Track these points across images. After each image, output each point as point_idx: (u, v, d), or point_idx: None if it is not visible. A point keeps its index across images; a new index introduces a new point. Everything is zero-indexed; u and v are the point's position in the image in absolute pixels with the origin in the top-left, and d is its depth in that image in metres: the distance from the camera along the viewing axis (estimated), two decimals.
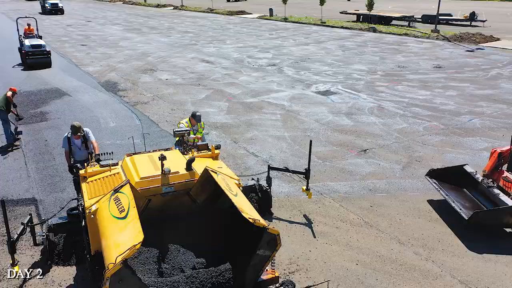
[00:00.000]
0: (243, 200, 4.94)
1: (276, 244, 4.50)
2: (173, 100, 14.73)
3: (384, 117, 12.86)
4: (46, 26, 39.20)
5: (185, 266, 4.93)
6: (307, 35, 31.17)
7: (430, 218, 7.47)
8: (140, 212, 5.14)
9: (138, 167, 5.48)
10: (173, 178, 5.35)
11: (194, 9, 53.83)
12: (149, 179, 5.27)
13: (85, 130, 7.22)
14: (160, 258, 5.03)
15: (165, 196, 5.34)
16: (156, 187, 5.26)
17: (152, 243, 5.09)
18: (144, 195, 5.21)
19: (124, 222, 4.40)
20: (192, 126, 8.10)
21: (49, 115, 12.90)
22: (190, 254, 5.12)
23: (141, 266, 4.84)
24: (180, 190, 5.38)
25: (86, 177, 5.62)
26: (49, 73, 19.01)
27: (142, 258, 4.96)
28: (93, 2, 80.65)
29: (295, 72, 19.14)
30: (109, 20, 44.93)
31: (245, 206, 4.70)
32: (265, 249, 4.55)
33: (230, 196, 4.66)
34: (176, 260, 5.03)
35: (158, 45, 27.23)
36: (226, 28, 36.15)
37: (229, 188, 4.93)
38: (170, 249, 5.16)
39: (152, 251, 5.07)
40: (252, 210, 4.76)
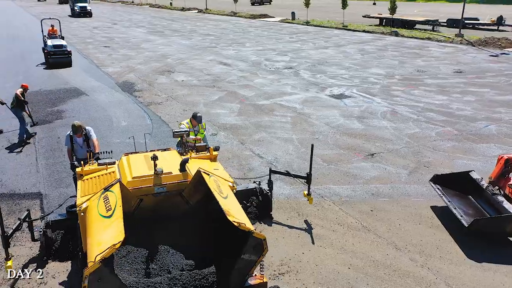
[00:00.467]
0: (232, 203, 4.90)
1: (263, 249, 4.43)
2: (186, 101, 14.91)
3: (396, 122, 12.64)
4: (74, 28, 40.41)
5: (173, 267, 4.90)
6: (327, 38, 30.99)
7: (431, 224, 7.29)
8: (132, 211, 5.19)
9: (132, 167, 5.51)
10: (165, 179, 5.33)
11: (218, 13, 54.38)
12: (141, 179, 5.27)
13: (87, 129, 7.37)
14: (148, 258, 5.01)
15: (157, 196, 5.32)
16: (148, 187, 5.25)
17: (143, 243, 5.10)
18: (136, 195, 5.20)
19: (109, 221, 4.41)
20: (193, 127, 8.12)
21: (65, 113, 13.27)
22: (179, 256, 5.09)
23: (128, 265, 4.84)
24: (172, 191, 5.35)
25: (82, 175, 5.67)
26: (70, 73, 19.58)
27: (131, 257, 4.96)
28: (121, 5, 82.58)
29: (311, 75, 19.06)
30: (134, 23, 45.87)
31: (233, 209, 4.66)
32: (251, 253, 4.48)
33: (218, 198, 4.63)
34: (165, 261, 5.00)
35: (178, 48, 27.62)
36: (247, 31, 36.36)
37: (219, 191, 4.90)
38: (160, 249, 5.12)
39: (141, 251, 5.07)
40: (241, 213, 4.72)
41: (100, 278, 3.91)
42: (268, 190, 7.38)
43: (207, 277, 4.58)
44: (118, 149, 9.68)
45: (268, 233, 6.95)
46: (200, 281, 4.54)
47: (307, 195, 7.28)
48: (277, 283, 5.78)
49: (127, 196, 5.02)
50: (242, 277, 4.64)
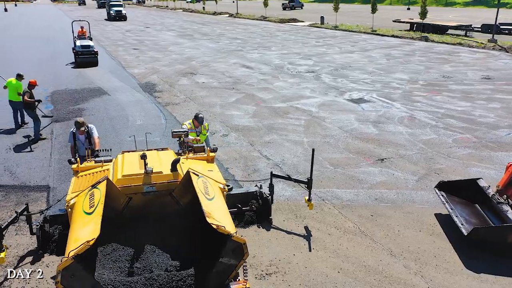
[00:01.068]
0: (217, 205, 4.84)
1: (243, 253, 4.33)
2: (203, 102, 15.09)
3: (413, 127, 12.31)
4: (107, 31, 41.78)
5: (156, 267, 4.81)
6: (354, 43, 30.62)
7: (432, 232, 7.05)
8: (121, 210, 5.20)
9: (125, 165, 5.49)
10: (155, 178, 5.26)
11: (248, 17, 54.81)
12: (131, 177, 5.23)
13: (90, 127, 7.57)
14: (134, 258, 4.95)
15: (146, 195, 5.27)
16: (137, 186, 5.20)
17: (130, 242, 5.06)
18: (125, 193, 5.18)
19: (89, 218, 4.40)
20: (195, 127, 8.10)
21: (85, 111, 13.72)
22: (165, 256, 5.00)
23: (112, 263, 4.79)
24: (162, 190, 5.28)
25: (78, 172, 5.75)
26: (96, 73, 20.25)
27: (115, 255, 4.90)
28: (156, 10, 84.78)
29: (332, 79, 18.88)
30: (166, 26, 46.93)
31: (216, 211, 4.59)
32: (230, 257, 4.39)
33: (201, 199, 4.57)
34: (149, 261, 4.92)
35: (204, 51, 28.02)
36: (274, 35, 36.45)
37: (205, 192, 4.86)
38: (146, 249, 5.05)
39: (127, 250, 5.01)
40: (224, 216, 4.64)
41: (74, 274, 3.87)
42: (267, 194, 7.23)
43: (184, 279, 4.49)
44: (128, 147, 9.90)
45: (262, 234, 6.93)
46: (177, 282, 4.45)
47: (307, 201, 7.02)
48: (263, 283, 5.76)
49: (116, 194, 5.03)
50: (222, 280, 4.52)
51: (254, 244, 6.65)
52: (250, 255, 6.37)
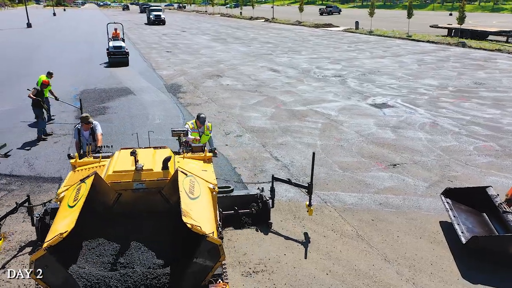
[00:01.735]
0: (200, 205, 4.79)
1: (219, 255, 4.25)
2: (224, 103, 15.27)
3: (433, 134, 11.92)
4: (145, 35, 43.11)
5: (139, 264, 4.75)
6: (386, 48, 30.01)
7: (433, 239, 6.80)
8: (111, 205, 5.25)
9: (118, 161, 5.53)
10: (145, 175, 5.25)
11: (283, 22, 54.91)
12: (121, 174, 5.24)
13: (94, 123, 7.82)
14: (119, 254, 4.90)
15: (136, 192, 5.26)
16: (127, 182, 5.19)
17: (117, 238, 5.05)
18: (115, 189, 5.19)
19: (70, 211, 4.45)
20: (198, 127, 8.11)
21: (109, 110, 14.23)
22: (150, 254, 4.94)
23: (96, 257, 4.79)
24: (151, 188, 5.24)
25: (75, 166, 5.83)
26: (126, 74, 20.95)
27: (100, 250, 4.88)
28: (195, 14, 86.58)
29: (358, 84, 18.60)
30: (201, 30, 47.84)
31: (196, 210, 4.54)
32: (206, 258, 4.31)
33: (183, 198, 4.54)
34: (133, 258, 4.86)
35: (235, 54, 28.35)
36: (307, 40, 36.32)
37: (189, 191, 4.84)
38: (132, 246, 5.00)
39: (113, 245, 4.99)
40: (205, 217, 4.60)
41: (47, 265, 3.89)
42: (268, 198, 7.14)
43: (159, 278, 4.42)
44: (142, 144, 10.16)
45: (256, 233, 6.93)
46: (151, 280, 4.38)
47: (307, 206, 6.87)
48: (248, 280, 5.77)
49: (106, 190, 5.08)
50: (197, 282, 4.43)
51: (247, 242, 6.67)
52: (241, 253, 6.41)
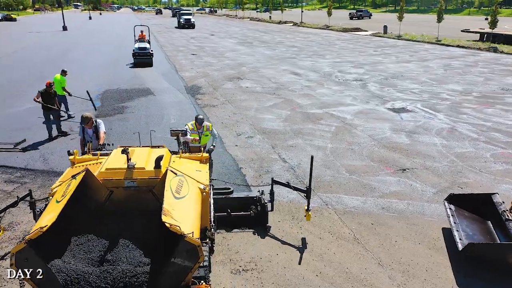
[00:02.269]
0: (185, 205, 4.77)
1: (198, 256, 4.21)
2: (240, 105, 15.38)
3: (450, 140, 11.59)
4: (174, 38, 43.94)
5: (125, 262, 4.75)
6: (413, 52, 29.39)
7: (432, 245, 6.61)
8: (103, 202, 5.30)
9: (112, 159, 5.59)
10: (137, 173, 5.26)
11: (311, 26, 54.72)
12: (113, 171, 5.28)
13: (97, 121, 8.02)
14: (107, 251, 4.91)
15: (127, 190, 5.28)
16: (118, 180, 5.22)
17: (107, 235, 5.08)
18: (107, 186, 5.24)
19: (56, 206, 4.52)
20: (197, 128, 8.16)
21: (127, 109, 14.60)
22: (138, 252, 4.92)
23: (83, 253, 4.82)
24: (143, 186, 5.24)
25: (74, 163, 5.93)
26: (149, 75, 21.44)
27: (88, 246, 4.91)
28: (224, 19, 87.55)
29: (379, 88, 18.31)
30: (229, 34, 48.32)
31: (180, 210, 4.53)
32: (185, 258, 4.26)
33: (166, 197, 4.55)
34: (120, 255, 4.86)
35: (258, 57, 28.48)
36: (333, 44, 36.04)
37: (176, 190, 4.85)
38: (120, 243, 5.00)
39: (102, 242, 5.01)
40: (189, 217, 4.57)
41: (27, 258, 3.96)
42: (266, 201, 7.07)
43: (138, 276, 4.41)
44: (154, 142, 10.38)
45: (251, 232, 6.94)
46: (130, 278, 4.37)
47: (306, 211, 6.69)
48: (237, 278, 5.79)
49: (98, 187, 5.17)
50: (176, 282, 4.40)
51: (241, 241, 6.69)
52: (233, 251, 6.44)
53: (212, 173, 8.46)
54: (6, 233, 6.88)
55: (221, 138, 11.62)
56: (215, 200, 6.82)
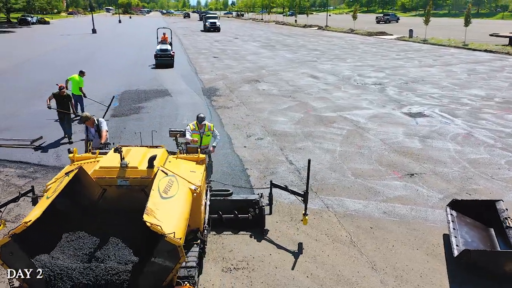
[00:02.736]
0: (171, 205, 4.78)
1: (178, 256, 4.22)
2: (254, 107, 15.45)
3: (464, 145, 11.30)
4: (198, 41, 44.53)
5: (114, 260, 4.79)
6: (438, 57, 28.75)
7: (430, 251, 6.47)
8: (96, 200, 5.39)
9: (107, 157, 5.68)
10: (129, 173, 5.30)
11: (336, 30, 54.35)
12: (107, 170, 5.35)
13: (99, 120, 8.18)
14: (97, 248, 4.98)
15: (120, 188, 5.34)
16: (111, 179, 5.29)
17: (98, 232, 5.14)
18: (100, 184, 5.32)
19: (44, 202, 4.63)
20: (199, 128, 8.18)
21: (143, 109, 14.92)
22: (127, 251, 4.96)
23: (72, 250, 4.89)
24: (135, 185, 5.29)
25: (73, 161, 6.04)
26: (169, 76, 21.82)
27: (79, 243, 4.99)
28: (250, 22, 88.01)
29: (397, 93, 18.02)
30: (253, 37, 48.57)
31: (163, 210, 4.55)
32: (165, 258, 4.28)
33: (152, 197, 4.58)
34: (109, 253, 4.90)
35: (279, 61, 28.52)
36: (355, 47, 35.69)
37: (163, 190, 4.87)
38: (110, 241, 5.05)
39: (92, 239, 5.08)
40: (173, 217, 4.59)
41: (12, 252, 4.05)
42: (263, 205, 7.02)
43: (120, 274, 4.43)
44: (163, 142, 10.58)
45: (247, 234, 6.97)
46: (112, 276, 4.40)
47: (303, 215, 6.58)
48: (227, 276, 5.83)
49: (91, 185, 5.27)
50: (157, 282, 4.41)
51: (236, 239, 6.73)
52: (227, 249, 6.49)
53: (212, 174, 8.58)
54: (13, 225, 7.15)
55: (230, 139, 11.72)
56: (211, 202, 6.87)
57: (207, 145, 8.37)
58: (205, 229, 5.87)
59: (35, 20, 74.52)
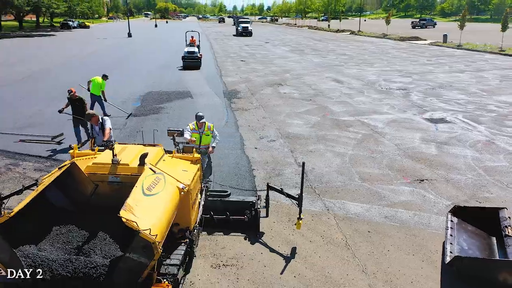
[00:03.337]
0: (153, 202, 4.84)
1: (153, 253, 4.29)
2: (272, 110, 15.49)
3: (483, 152, 10.90)
4: (229, 45, 45.07)
5: (99, 254, 4.89)
6: (470, 62, 27.81)
7: (426, 258, 6.29)
8: (89, 195, 5.56)
9: (104, 154, 5.82)
10: (121, 169, 5.42)
11: (369, 34, 53.58)
12: (99, 166, 5.49)
13: (103, 119, 8.42)
14: (85, 242, 5.08)
15: (111, 185, 5.46)
16: (103, 175, 5.43)
17: (88, 227, 5.26)
18: (92, 180, 5.47)
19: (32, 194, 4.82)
20: (198, 128, 8.26)
21: (163, 110, 15.28)
22: (113, 246, 5.03)
23: (61, 243, 5.03)
24: (126, 182, 5.36)
25: (73, 157, 6.14)
26: (194, 79, 22.22)
27: (68, 236, 5.14)
28: (284, 27, 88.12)
29: (421, 98, 17.59)
30: (284, 42, 48.65)
31: (144, 206, 4.63)
32: (140, 254, 4.33)
33: (133, 193, 4.67)
34: (95, 247, 5.00)
35: (306, 65, 28.45)
36: (386, 52, 35.07)
37: (148, 188, 4.95)
38: (99, 236, 5.13)
39: (82, 233, 5.20)
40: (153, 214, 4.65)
41: None
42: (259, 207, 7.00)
43: (97, 268, 4.52)
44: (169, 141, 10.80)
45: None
46: (90, 269, 4.49)
47: (297, 219, 6.49)
48: (215, 272, 5.90)
49: (84, 180, 5.46)
50: (132, 277, 4.48)
51: (230, 237, 6.80)
52: (220, 246, 6.56)
53: (211, 175, 8.63)
54: None
55: (242, 140, 11.82)
56: (208, 203, 6.89)
57: (207, 144, 8.43)
58: (195, 228, 5.94)
59: (76, 24, 77.79)
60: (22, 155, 10.47)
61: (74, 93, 11.09)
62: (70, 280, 4.39)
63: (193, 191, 5.85)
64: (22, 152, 10.64)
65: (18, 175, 9.27)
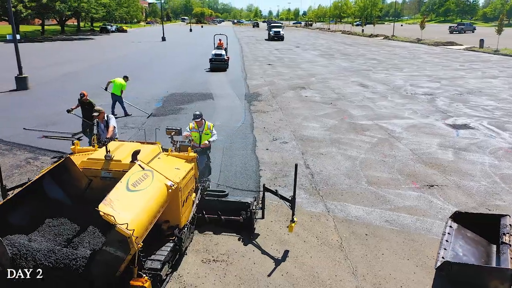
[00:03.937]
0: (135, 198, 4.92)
1: (129, 247, 4.32)
2: (290, 113, 15.49)
3: (503, 160, 10.48)
4: (259, 49, 45.35)
5: (87, 247, 5.01)
6: (505, 68, 26.75)
7: (422, 263, 6.13)
8: (84, 190, 5.77)
9: (100, 150, 6.02)
10: (113, 165, 5.58)
11: (402, 39, 52.48)
12: (93, 161, 5.71)
13: (108, 116, 8.63)
14: (76, 235, 5.24)
15: (104, 180, 5.63)
16: (96, 170, 5.65)
17: (80, 221, 5.43)
18: (86, 174, 5.70)
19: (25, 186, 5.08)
20: (198, 127, 8.36)
21: (183, 111, 15.60)
22: (102, 239, 5.14)
23: (52, 235, 5.21)
24: (118, 178, 5.34)
25: (74, 152, 6.39)
26: (218, 81, 22.55)
27: (60, 229, 5.33)
28: (316, 32, 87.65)
29: (447, 103, 17.09)
30: (314, 46, 48.44)
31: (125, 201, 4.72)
32: (117, 248, 4.39)
33: (117, 188, 4.79)
34: (84, 240, 5.10)
35: (333, 69, 28.24)
36: (417, 57, 34.26)
37: (133, 183, 5.03)
38: (89, 229, 5.27)
39: (73, 227, 5.37)
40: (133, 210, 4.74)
41: None
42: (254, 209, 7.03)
43: (77, 259, 4.59)
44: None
45: None
46: (70, 261, 4.58)
47: (290, 222, 6.41)
48: (203, 266, 5.99)
49: (78, 175, 5.70)
50: (110, 271, 4.58)
51: (224, 234, 6.88)
52: (213, 242, 6.66)
53: (210, 175, 8.70)
54: None
55: (255, 142, 11.90)
56: (204, 202, 6.97)
57: (206, 145, 8.51)
58: (186, 226, 6.04)
59: (114, 28, 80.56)
60: (43, 150, 10.99)
61: (86, 97, 11.21)
62: (52, 270, 4.54)
63: (184, 189, 5.94)
64: (43, 147, 11.17)
65: (36, 168, 9.75)
